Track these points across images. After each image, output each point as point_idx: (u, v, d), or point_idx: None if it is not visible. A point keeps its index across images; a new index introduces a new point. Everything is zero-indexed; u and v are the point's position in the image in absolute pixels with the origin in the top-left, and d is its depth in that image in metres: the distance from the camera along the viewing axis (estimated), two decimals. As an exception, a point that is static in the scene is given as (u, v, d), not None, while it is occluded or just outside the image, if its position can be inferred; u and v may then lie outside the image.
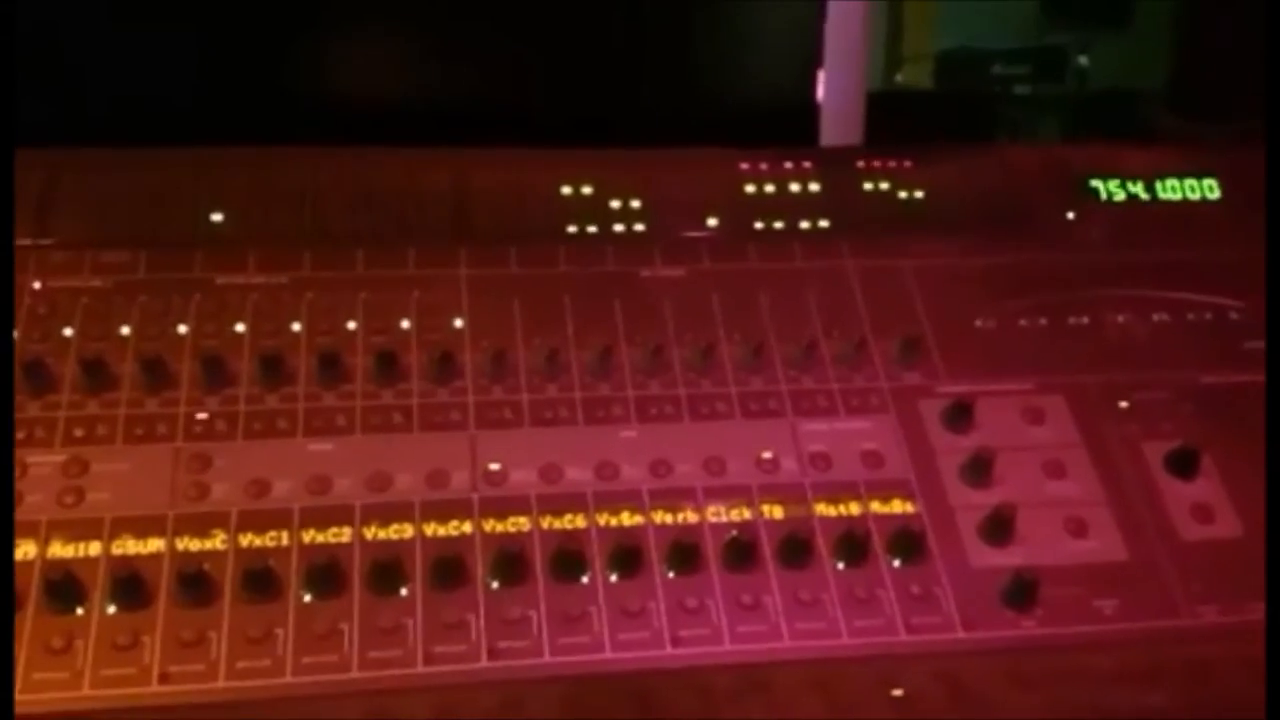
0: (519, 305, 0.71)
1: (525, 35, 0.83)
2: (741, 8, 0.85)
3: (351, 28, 0.83)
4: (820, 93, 0.85)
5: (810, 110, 0.85)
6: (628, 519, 0.63)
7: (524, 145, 0.77)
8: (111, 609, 0.58)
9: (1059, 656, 0.61)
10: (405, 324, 0.70)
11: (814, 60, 0.84)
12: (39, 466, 0.62)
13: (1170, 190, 0.81)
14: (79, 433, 0.64)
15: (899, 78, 1.05)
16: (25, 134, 0.70)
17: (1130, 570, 0.64)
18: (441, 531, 0.62)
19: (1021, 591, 0.62)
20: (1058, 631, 0.62)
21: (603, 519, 0.63)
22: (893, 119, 0.90)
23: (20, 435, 0.63)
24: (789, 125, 0.85)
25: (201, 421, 0.65)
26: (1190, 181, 0.81)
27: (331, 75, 0.84)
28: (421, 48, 0.84)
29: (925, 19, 1.05)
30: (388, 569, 0.60)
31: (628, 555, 0.61)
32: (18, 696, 0.55)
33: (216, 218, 0.73)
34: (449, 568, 0.60)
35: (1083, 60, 1.04)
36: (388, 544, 0.61)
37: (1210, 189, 0.81)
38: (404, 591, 0.60)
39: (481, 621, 0.59)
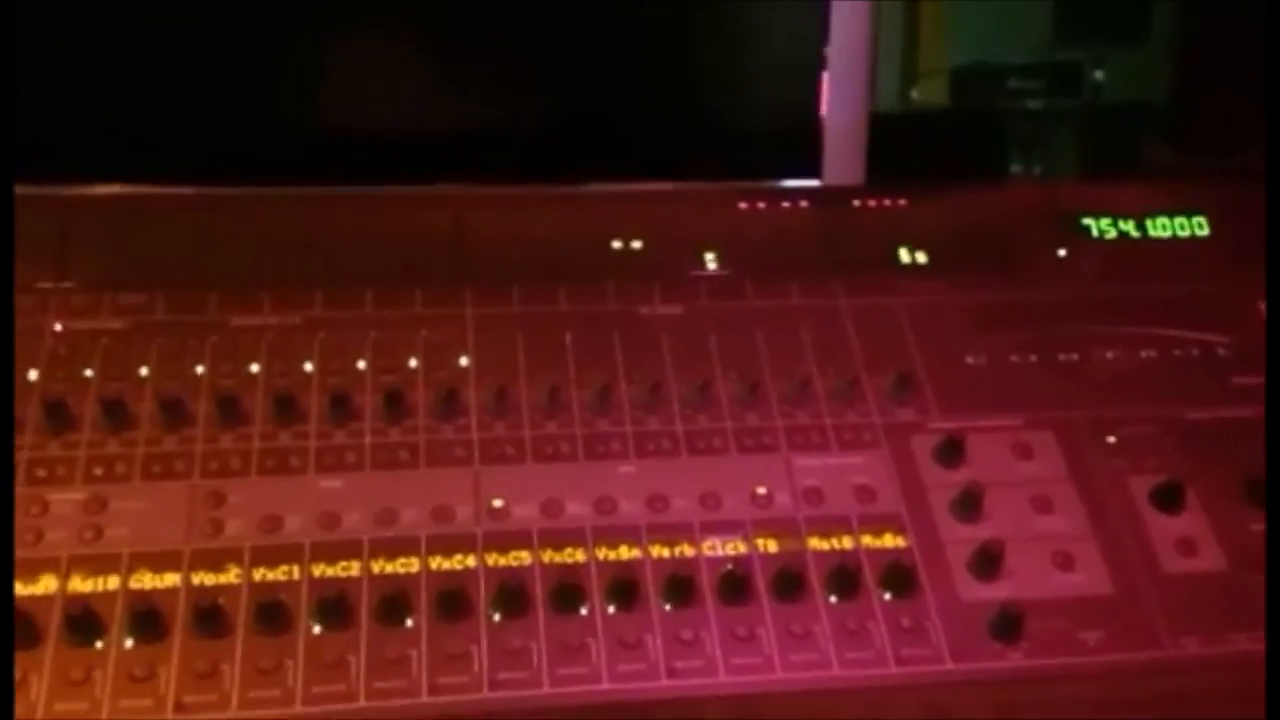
0: (522, 343, 0.73)
1: (525, 36, 0.84)
2: (745, 9, 0.85)
3: (352, 27, 0.83)
4: (824, 107, 0.85)
5: (814, 122, 0.85)
6: (626, 553, 0.65)
7: (524, 145, 0.78)
8: (129, 642, 0.60)
9: (1045, 688, 0.62)
10: (413, 362, 0.72)
11: (819, 67, 0.84)
12: (60, 504, 0.64)
13: (1160, 228, 0.82)
14: (99, 471, 0.66)
15: (913, 93, 1.06)
16: (25, 133, 0.72)
17: (1115, 603, 0.65)
18: (446, 565, 0.64)
19: (1008, 624, 0.63)
20: (1044, 663, 0.63)
21: (601, 553, 0.65)
22: (903, 134, 0.91)
23: (42, 474, 0.65)
24: (793, 130, 0.85)
25: (217, 459, 0.67)
26: (1180, 219, 0.82)
27: (332, 66, 0.84)
28: (420, 46, 0.84)
29: (937, 33, 1.06)
30: (394, 602, 0.61)
31: (625, 588, 0.63)
32: (39, 727, 0.57)
33: (230, 259, 0.75)
34: (453, 600, 0.62)
35: (1098, 75, 1.05)
36: (394, 578, 0.63)
37: (1199, 226, 0.82)
38: (409, 623, 0.61)
39: (484, 653, 0.61)
